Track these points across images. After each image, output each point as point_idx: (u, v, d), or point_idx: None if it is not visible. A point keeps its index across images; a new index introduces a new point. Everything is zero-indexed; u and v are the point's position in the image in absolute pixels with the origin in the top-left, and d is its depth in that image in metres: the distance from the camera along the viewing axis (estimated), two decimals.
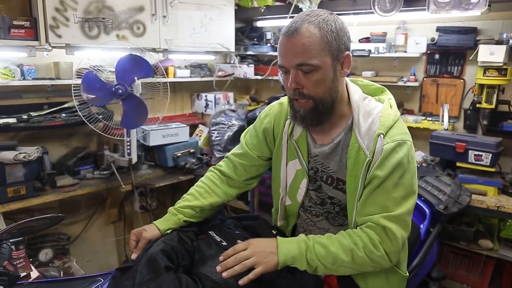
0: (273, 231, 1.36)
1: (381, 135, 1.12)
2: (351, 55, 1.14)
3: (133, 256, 1.20)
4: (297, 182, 1.31)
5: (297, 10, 2.54)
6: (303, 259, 1.09)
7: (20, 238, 1.40)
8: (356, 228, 1.16)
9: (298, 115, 1.16)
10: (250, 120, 2.87)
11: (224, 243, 1.24)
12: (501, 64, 2.12)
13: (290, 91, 1.13)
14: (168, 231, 1.27)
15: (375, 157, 1.11)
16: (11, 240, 1.34)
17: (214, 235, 1.29)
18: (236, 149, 1.46)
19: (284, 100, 1.37)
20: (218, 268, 1.07)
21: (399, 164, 1.10)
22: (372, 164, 1.12)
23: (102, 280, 1.27)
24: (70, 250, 2.52)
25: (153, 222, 1.30)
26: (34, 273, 1.96)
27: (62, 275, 2.24)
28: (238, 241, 1.18)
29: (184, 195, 1.38)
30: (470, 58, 2.27)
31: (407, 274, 1.26)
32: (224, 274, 1.05)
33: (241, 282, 1.05)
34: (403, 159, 1.11)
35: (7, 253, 1.32)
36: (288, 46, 1.09)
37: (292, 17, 1.18)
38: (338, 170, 1.21)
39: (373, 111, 1.16)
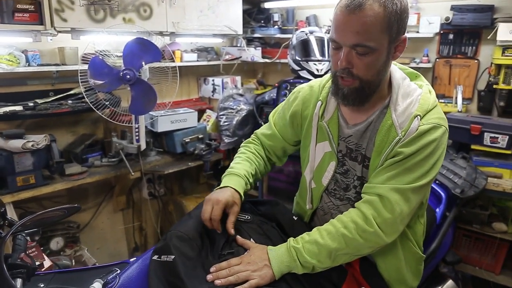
0: (294, 217, 1.33)
1: (418, 117, 1.09)
2: (407, 38, 1.07)
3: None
4: (324, 164, 1.27)
5: None
6: (297, 264, 1.06)
7: (35, 229, 1.37)
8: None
9: (340, 92, 1.11)
10: (259, 105, 2.82)
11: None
12: None
13: (338, 68, 1.08)
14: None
15: (405, 137, 1.08)
16: (26, 231, 1.32)
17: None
18: (264, 129, 1.45)
19: (314, 83, 1.33)
20: (209, 277, 1.03)
21: (426, 146, 1.07)
22: (400, 143, 1.09)
23: (119, 270, 1.24)
24: (80, 238, 2.50)
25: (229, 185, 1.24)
26: (47, 262, 1.94)
27: (74, 263, 2.22)
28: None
29: (233, 164, 1.34)
30: (488, 38, 2.20)
31: (424, 255, 1.25)
32: (217, 282, 1.02)
33: None
34: (432, 143, 1.08)
35: (23, 244, 1.29)
36: (348, 22, 1.00)
37: None
38: (367, 147, 1.18)
39: (413, 93, 1.13)
